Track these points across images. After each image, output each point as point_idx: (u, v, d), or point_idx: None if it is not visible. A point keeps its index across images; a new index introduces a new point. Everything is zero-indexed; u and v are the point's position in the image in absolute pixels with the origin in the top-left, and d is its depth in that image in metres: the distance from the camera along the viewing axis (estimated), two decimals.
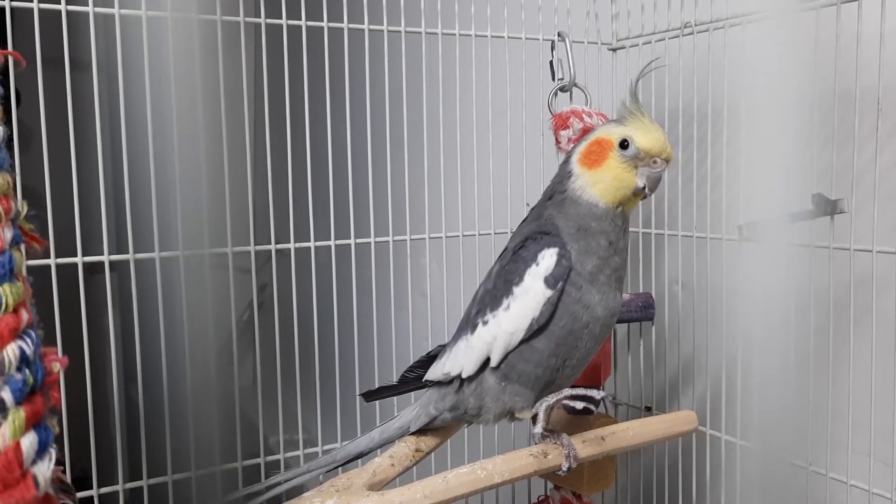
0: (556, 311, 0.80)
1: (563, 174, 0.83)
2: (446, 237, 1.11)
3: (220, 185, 0.95)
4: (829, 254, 0.87)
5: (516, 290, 0.81)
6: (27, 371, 0.48)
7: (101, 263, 0.90)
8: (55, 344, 0.84)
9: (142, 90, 0.90)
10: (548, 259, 0.81)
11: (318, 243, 1.02)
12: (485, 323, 0.83)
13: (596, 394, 0.81)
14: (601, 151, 0.80)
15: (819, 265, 0.88)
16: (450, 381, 0.87)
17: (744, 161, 0.95)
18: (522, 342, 0.81)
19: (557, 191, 0.83)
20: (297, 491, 0.82)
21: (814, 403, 0.91)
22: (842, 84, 0.86)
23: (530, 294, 0.81)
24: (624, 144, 0.79)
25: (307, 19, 1.00)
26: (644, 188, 0.80)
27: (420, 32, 1.06)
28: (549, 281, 0.80)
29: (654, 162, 0.80)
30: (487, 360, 0.83)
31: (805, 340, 0.89)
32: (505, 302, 0.82)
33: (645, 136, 0.79)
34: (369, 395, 0.94)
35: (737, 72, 0.97)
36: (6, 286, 0.49)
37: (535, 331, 0.81)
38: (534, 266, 0.81)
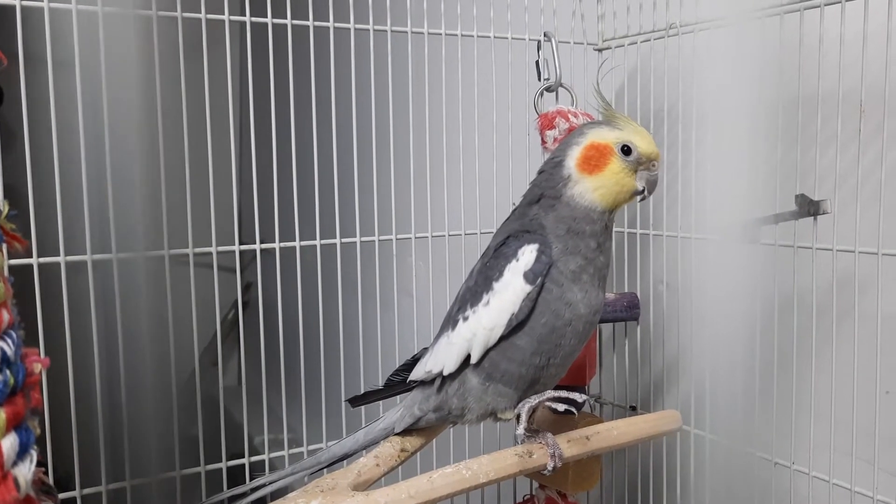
0: (535, 308, 0.80)
1: (556, 179, 0.82)
2: (432, 237, 1.11)
3: (205, 184, 0.95)
4: (812, 254, 0.88)
5: (496, 285, 0.82)
6: (7, 372, 0.48)
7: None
8: (37, 344, 0.84)
9: (128, 89, 0.90)
10: (527, 255, 0.81)
11: (303, 243, 1.02)
12: (465, 319, 0.83)
13: (578, 397, 0.81)
14: (601, 156, 0.81)
15: (802, 265, 0.89)
16: (432, 380, 0.87)
17: (710, 164, 0.96)
18: (503, 339, 0.82)
19: (548, 195, 0.83)
20: (282, 491, 0.82)
21: (796, 403, 0.91)
22: (825, 86, 0.87)
23: (509, 289, 0.81)
24: (626, 150, 0.81)
25: (293, 18, 0.99)
26: (644, 190, 0.82)
27: (406, 32, 1.06)
28: (529, 276, 0.80)
29: (653, 165, 0.82)
30: (469, 358, 0.83)
31: (786, 340, 0.90)
32: (484, 298, 0.82)
33: (643, 141, 0.81)
34: (355, 401, 0.94)
35: (720, 73, 0.98)
36: None
37: (516, 327, 0.81)
38: (514, 262, 0.81)
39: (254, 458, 1.00)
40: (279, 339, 1.04)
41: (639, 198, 0.83)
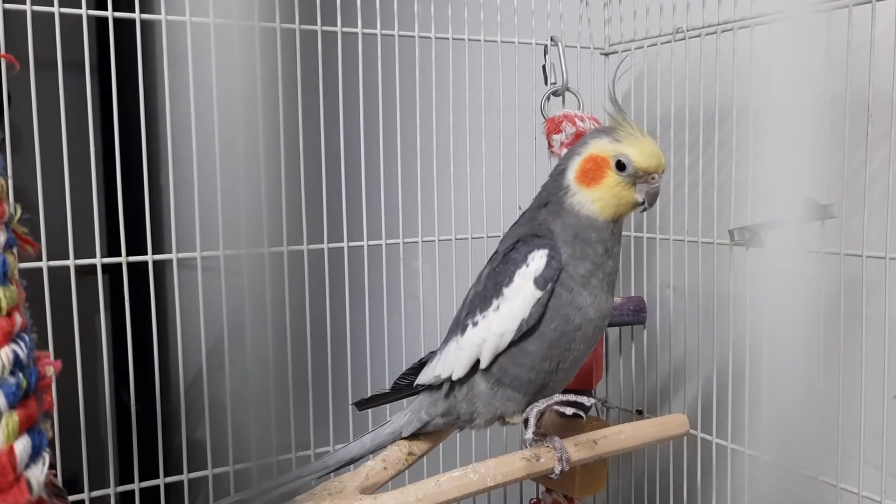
0: (546, 313, 0.80)
1: (559, 187, 0.82)
2: (439, 241, 1.11)
3: (214, 190, 0.95)
4: (820, 259, 0.88)
5: (506, 291, 0.82)
6: (21, 375, 0.48)
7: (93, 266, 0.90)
8: (47, 347, 0.84)
9: (135, 93, 0.90)
10: (538, 260, 0.81)
11: (311, 246, 1.02)
12: (474, 324, 0.83)
13: (586, 400, 0.81)
14: (597, 170, 0.80)
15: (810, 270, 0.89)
16: (440, 385, 0.87)
17: (751, 165, 0.95)
18: (513, 344, 0.82)
19: (553, 202, 0.83)
20: (290, 495, 0.82)
21: (815, 410, 0.91)
22: (832, 89, 0.87)
23: (520, 295, 0.81)
24: (620, 166, 0.79)
25: (301, 22, 1.00)
26: (643, 203, 0.80)
27: (413, 36, 1.06)
28: (539, 282, 0.80)
29: (652, 178, 0.80)
30: (478, 363, 0.83)
31: (814, 347, 0.89)
32: (494, 303, 0.82)
33: (641, 155, 0.79)
34: (362, 404, 0.94)
35: (729, 76, 0.98)
36: (0, 290, 0.49)
37: (526, 333, 0.81)
38: (524, 267, 0.81)
39: (261, 462, 1.00)
40: (286, 341, 1.04)
41: (640, 209, 0.82)
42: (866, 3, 0.84)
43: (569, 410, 0.81)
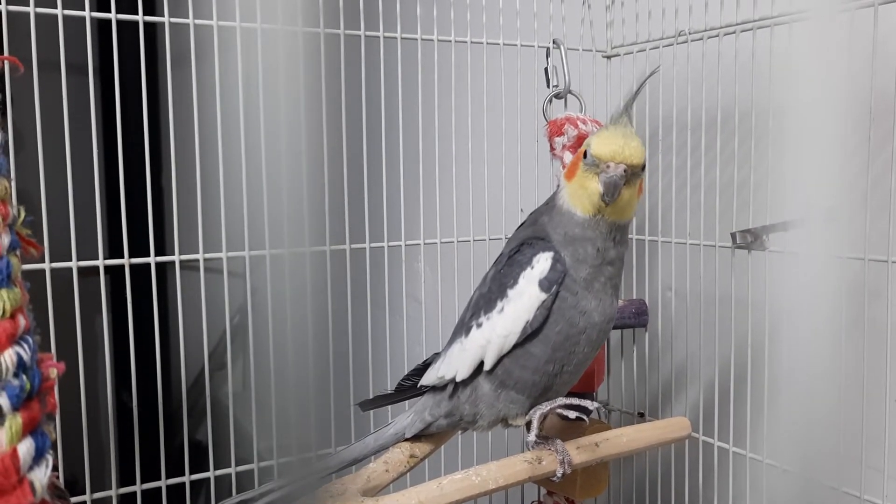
0: (550, 316, 0.80)
1: (558, 186, 0.85)
2: (441, 243, 1.11)
3: (217, 192, 0.95)
4: (822, 262, 0.88)
5: (510, 292, 0.82)
6: (24, 377, 0.48)
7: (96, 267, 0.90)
8: (49, 348, 0.84)
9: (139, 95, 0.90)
10: (543, 263, 0.81)
11: (313, 248, 1.02)
12: (479, 326, 0.83)
13: (589, 404, 0.81)
14: (576, 162, 0.81)
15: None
16: (444, 386, 0.87)
17: (753, 168, 0.95)
18: (517, 346, 0.82)
19: (550, 201, 0.85)
20: (291, 497, 0.82)
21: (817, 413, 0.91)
22: (835, 91, 0.87)
23: (524, 297, 0.81)
24: (585, 154, 0.79)
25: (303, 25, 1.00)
26: (603, 195, 0.77)
27: (416, 39, 1.07)
28: (544, 284, 0.80)
29: (608, 166, 0.76)
30: (482, 365, 0.83)
31: (816, 350, 0.89)
32: (499, 305, 0.82)
33: (598, 143, 0.77)
34: (365, 405, 0.94)
35: (730, 79, 0.98)
36: (3, 292, 0.49)
37: (530, 335, 0.81)
38: (528, 269, 0.81)
39: (263, 464, 1.00)
40: (287, 343, 1.04)
41: (603, 202, 0.77)
42: (868, 7, 0.84)
43: (572, 414, 0.81)
